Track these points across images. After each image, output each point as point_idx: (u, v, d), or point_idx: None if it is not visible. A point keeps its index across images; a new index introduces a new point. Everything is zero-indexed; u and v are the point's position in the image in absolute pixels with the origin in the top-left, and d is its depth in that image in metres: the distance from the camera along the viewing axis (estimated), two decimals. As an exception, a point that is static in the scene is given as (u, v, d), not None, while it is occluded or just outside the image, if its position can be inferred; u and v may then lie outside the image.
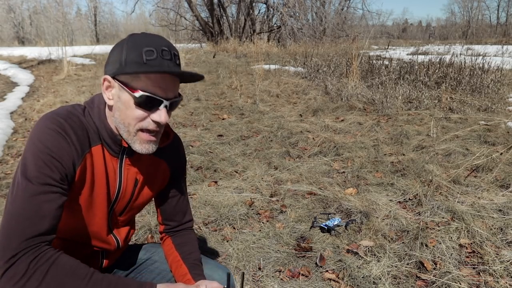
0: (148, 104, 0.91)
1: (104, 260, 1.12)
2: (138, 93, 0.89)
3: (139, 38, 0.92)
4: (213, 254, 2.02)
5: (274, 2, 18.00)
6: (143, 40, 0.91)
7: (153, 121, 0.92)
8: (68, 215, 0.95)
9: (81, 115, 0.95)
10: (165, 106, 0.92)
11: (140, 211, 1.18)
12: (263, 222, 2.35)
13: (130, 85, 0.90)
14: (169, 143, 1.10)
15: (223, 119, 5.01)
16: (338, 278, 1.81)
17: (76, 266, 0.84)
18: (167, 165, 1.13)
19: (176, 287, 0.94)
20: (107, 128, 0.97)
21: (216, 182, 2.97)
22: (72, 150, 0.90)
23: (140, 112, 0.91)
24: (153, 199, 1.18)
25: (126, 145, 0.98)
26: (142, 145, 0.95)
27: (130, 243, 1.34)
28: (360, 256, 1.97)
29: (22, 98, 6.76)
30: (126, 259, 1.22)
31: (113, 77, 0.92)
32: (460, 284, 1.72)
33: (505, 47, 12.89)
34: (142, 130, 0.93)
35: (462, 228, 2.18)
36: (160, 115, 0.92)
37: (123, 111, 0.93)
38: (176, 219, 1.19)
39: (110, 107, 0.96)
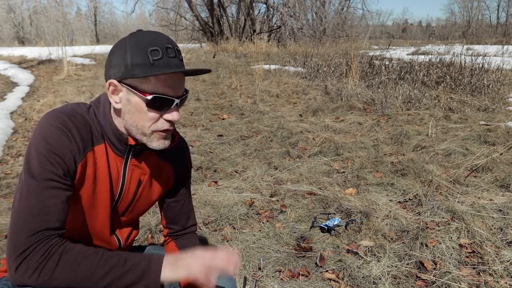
0: (160, 105, 0.91)
1: None
2: (150, 96, 0.89)
3: (140, 37, 0.90)
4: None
5: (274, 2, 18.02)
6: (145, 39, 0.90)
7: (166, 120, 0.93)
8: (71, 213, 0.95)
9: (85, 113, 0.95)
10: (176, 104, 0.93)
11: (143, 214, 1.18)
12: (263, 222, 2.35)
13: (139, 88, 0.89)
14: (174, 146, 1.10)
15: (223, 119, 5.01)
16: (338, 278, 1.81)
17: (85, 249, 0.86)
18: (172, 168, 1.12)
19: (185, 258, 0.89)
20: (113, 127, 0.97)
21: (216, 182, 2.97)
22: (73, 147, 0.90)
23: (153, 114, 0.92)
24: (157, 202, 1.18)
25: (133, 143, 0.98)
26: (159, 142, 0.96)
27: (133, 244, 1.34)
28: (360, 256, 1.97)
29: (22, 98, 6.76)
30: None
31: (119, 81, 0.91)
32: (460, 284, 1.72)
33: (505, 47, 12.88)
34: (160, 131, 0.94)
35: (462, 228, 2.18)
36: (173, 114, 0.93)
37: (135, 114, 0.92)
38: (180, 223, 1.19)
39: (117, 110, 0.95)
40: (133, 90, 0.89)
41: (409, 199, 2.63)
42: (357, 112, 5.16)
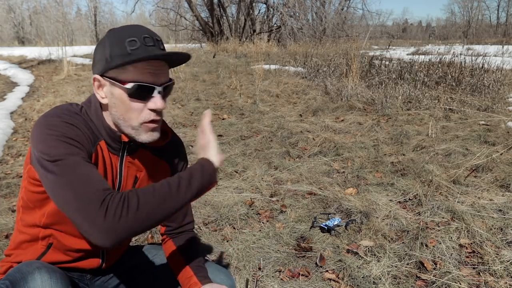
0: (141, 93, 0.91)
1: (105, 259, 1.11)
2: (129, 85, 0.90)
3: (119, 31, 0.92)
4: (213, 254, 2.02)
5: (274, 2, 17.99)
6: (124, 32, 0.91)
7: (150, 109, 0.93)
8: None
9: (79, 112, 0.96)
10: (159, 92, 0.92)
11: None
12: (263, 222, 2.35)
13: (119, 79, 0.90)
14: (167, 142, 1.10)
15: (223, 119, 5.01)
16: (338, 278, 1.81)
17: (153, 184, 0.86)
18: (167, 165, 1.13)
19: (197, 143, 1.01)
20: (105, 126, 0.97)
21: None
22: (86, 137, 0.92)
23: (136, 104, 0.92)
24: None
25: (126, 139, 0.98)
26: (148, 134, 0.96)
27: (130, 243, 1.34)
28: (360, 256, 1.97)
29: (22, 98, 6.76)
30: (127, 261, 1.22)
31: (102, 75, 0.93)
32: (460, 284, 1.72)
33: (505, 47, 12.88)
34: (147, 122, 0.94)
35: (462, 228, 2.18)
36: (156, 102, 0.92)
37: (120, 107, 0.93)
38: (177, 221, 1.19)
39: (105, 106, 0.96)
40: (114, 81, 0.91)
41: (409, 199, 2.63)
42: (357, 112, 5.16)
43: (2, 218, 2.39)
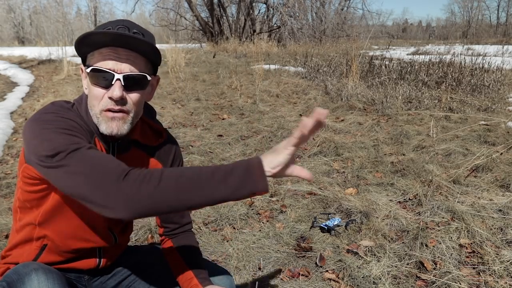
0: (100, 79, 0.90)
1: (102, 259, 1.11)
2: (89, 68, 0.90)
3: (103, 23, 0.95)
4: (213, 254, 2.02)
5: (274, 2, 18.00)
6: (106, 23, 0.94)
7: (109, 98, 0.91)
8: (68, 204, 0.95)
9: (71, 108, 0.97)
10: (118, 80, 0.89)
11: None
12: (263, 222, 2.35)
13: (87, 64, 0.93)
14: (161, 143, 1.10)
15: (223, 119, 5.01)
16: (338, 278, 1.81)
17: (182, 167, 0.80)
18: (161, 165, 1.12)
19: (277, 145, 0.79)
20: (92, 123, 0.97)
21: (216, 182, 2.97)
22: (83, 129, 0.91)
23: (97, 90, 0.91)
24: None
25: (113, 139, 0.98)
26: (108, 124, 0.93)
27: (130, 243, 1.34)
28: (360, 256, 1.97)
29: (22, 98, 6.76)
30: (125, 261, 1.21)
31: (84, 64, 0.95)
32: (460, 284, 1.72)
33: (505, 47, 12.87)
34: (104, 110, 0.92)
35: (462, 228, 2.18)
36: (114, 89, 0.89)
37: (89, 94, 0.94)
38: (175, 221, 1.18)
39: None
40: (84, 66, 0.93)
41: (409, 199, 2.63)
42: (357, 112, 5.16)
43: (2, 218, 2.39)
